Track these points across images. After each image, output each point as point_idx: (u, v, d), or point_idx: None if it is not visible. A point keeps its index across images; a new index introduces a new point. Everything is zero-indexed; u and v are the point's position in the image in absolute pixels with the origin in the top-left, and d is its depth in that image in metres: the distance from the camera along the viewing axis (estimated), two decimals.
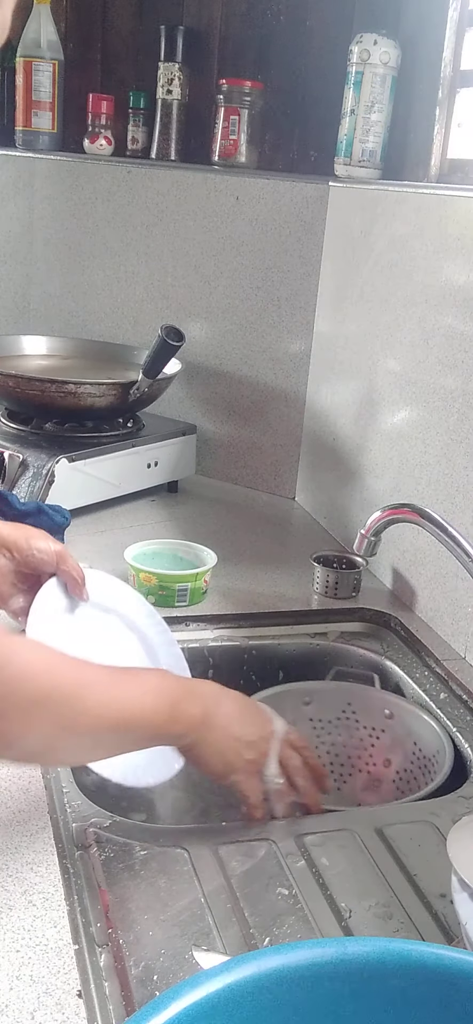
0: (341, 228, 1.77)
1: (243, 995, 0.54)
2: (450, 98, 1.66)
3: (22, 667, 0.79)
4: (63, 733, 0.83)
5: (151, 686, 0.91)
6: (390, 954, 0.57)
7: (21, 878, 0.83)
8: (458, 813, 0.99)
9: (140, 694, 0.89)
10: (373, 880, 0.90)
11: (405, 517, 1.22)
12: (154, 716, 0.90)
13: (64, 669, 0.84)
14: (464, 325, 1.34)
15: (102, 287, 2.12)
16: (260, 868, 0.90)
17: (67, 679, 0.83)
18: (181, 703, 0.92)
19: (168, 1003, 0.51)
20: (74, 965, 0.75)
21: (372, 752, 1.26)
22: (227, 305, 1.95)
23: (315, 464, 1.87)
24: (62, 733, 0.83)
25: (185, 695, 0.93)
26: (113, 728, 0.87)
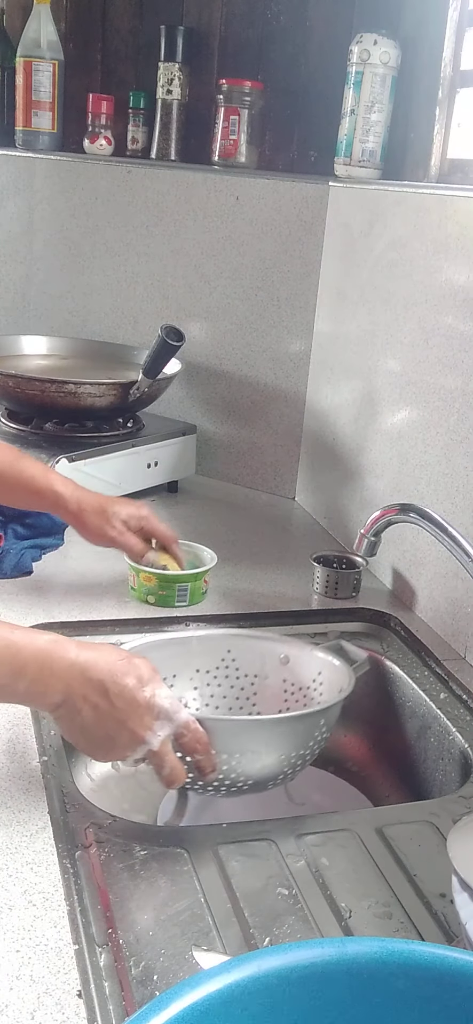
0: (341, 228, 1.77)
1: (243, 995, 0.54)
2: (450, 98, 1.66)
3: None
4: None
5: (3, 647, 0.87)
6: (390, 954, 0.56)
7: (21, 878, 0.83)
8: (458, 813, 0.99)
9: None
10: (373, 880, 0.90)
11: (405, 517, 1.23)
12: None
13: None
14: (464, 325, 1.34)
15: (102, 287, 2.12)
16: (260, 868, 0.90)
17: None
18: (27, 676, 0.88)
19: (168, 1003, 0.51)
20: (74, 965, 0.75)
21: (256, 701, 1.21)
22: (227, 305, 1.95)
23: (315, 464, 1.87)
24: None
25: (36, 669, 0.88)
26: None
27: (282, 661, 1.21)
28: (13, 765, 0.99)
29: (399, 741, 1.28)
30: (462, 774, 1.12)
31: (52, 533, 1.52)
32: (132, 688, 0.91)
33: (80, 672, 0.90)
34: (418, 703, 1.27)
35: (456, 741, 1.17)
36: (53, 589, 1.40)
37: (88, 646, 0.93)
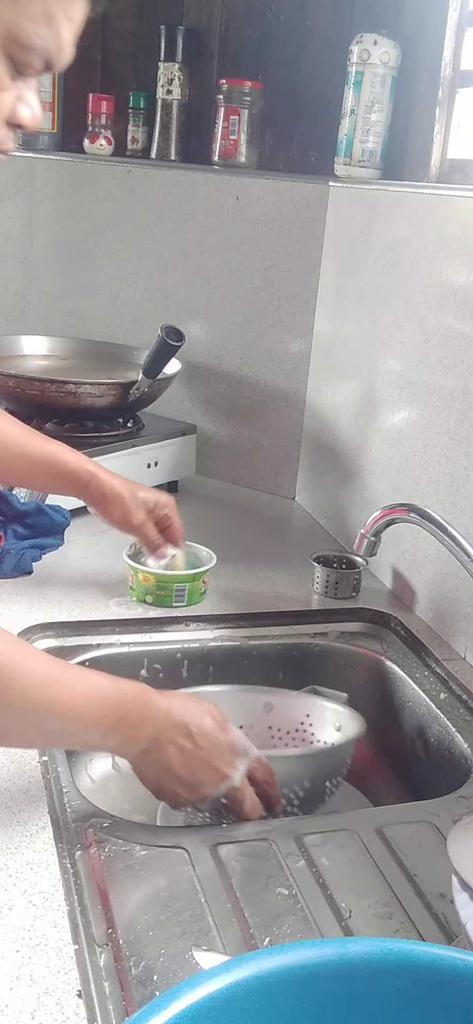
0: (341, 228, 1.77)
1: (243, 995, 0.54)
2: (450, 98, 1.66)
3: None
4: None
5: (98, 695, 0.89)
6: (390, 954, 0.56)
7: (21, 878, 0.83)
8: (458, 813, 0.99)
9: (83, 699, 0.88)
10: (373, 880, 0.90)
11: (405, 517, 1.23)
12: (94, 726, 0.90)
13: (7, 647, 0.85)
14: (464, 325, 1.34)
15: (102, 287, 2.11)
16: (260, 868, 0.90)
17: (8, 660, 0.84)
18: (128, 723, 0.91)
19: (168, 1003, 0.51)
20: (74, 965, 0.75)
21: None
22: (227, 305, 1.95)
23: (315, 464, 1.87)
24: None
25: (135, 716, 0.92)
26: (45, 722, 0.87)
27: (266, 709, 1.22)
28: (13, 765, 0.99)
29: (399, 741, 1.28)
30: (462, 774, 1.12)
31: (52, 533, 1.52)
32: (213, 728, 0.96)
33: (166, 716, 0.93)
34: (418, 703, 1.27)
35: (456, 741, 1.17)
36: (53, 589, 1.40)
37: (163, 692, 0.97)
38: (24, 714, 0.86)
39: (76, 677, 0.90)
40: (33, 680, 0.85)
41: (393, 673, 1.33)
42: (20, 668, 0.85)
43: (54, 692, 0.87)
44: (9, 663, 0.84)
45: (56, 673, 0.88)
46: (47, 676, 0.87)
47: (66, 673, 0.89)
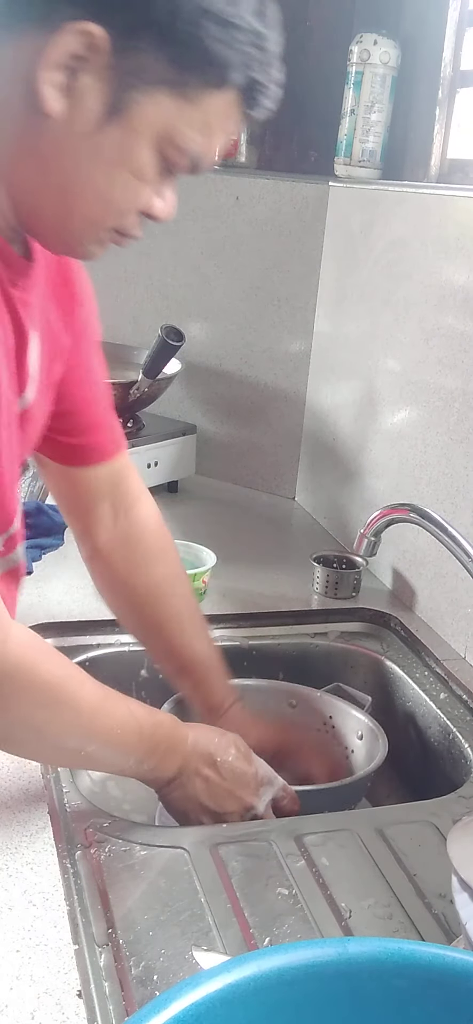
0: (341, 228, 1.77)
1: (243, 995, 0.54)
2: (450, 98, 1.66)
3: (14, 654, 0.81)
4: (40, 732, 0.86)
5: (135, 726, 0.91)
6: (390, 954, 0.56)
7: (21, 878, 0.83)
8: (458, 813, 0.99)
9: (122, 729, 0.90)
10: (373, 880, 0.90)
11: (405, 517, 1.23)
12: (129, 754, 0.92)
13: (62, 673, 0.87)
14: (464, 325, 1.34)
15: (102, 287, 2.10)
16: (260, 868, 0.90)
17: (61, 687, 0.86)
18: (158, 754, 0.93)
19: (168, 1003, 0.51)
20: (74, 965, 0.75)
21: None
22: (227, 305, 1.95)
23: (315, 464, 1.87)
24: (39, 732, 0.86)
25: (166, 748, 0.94)
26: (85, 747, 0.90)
27: (289, 705, 1.24)
28: (13, 765, 0.99)
29: (399, 741, 1.28)
30: (462, 774, 1.12)
31: (52, 533, 1.52)
32: (237, 759, 0.98)
33: (193, 748, 0.96)
34: (418, 703, 1.27)
35: (456, 741, 1.17)
36: (53, 589, 1.40)
37: (191, 724, 1.00)
38: (69, 737, 0.88)
39: (118, 706, 0.92)
40: (81, 707, 0.87)
41: (393, 673, 1.33)
42: (71, 694, 0.86)
43: (98, 721, 0.89)
44: (60, 688, 0.86)
45: (101, 701, 0.90)
46: (93, 704, 0.89)
47: (109, 701, 0.91)
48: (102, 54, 0.73)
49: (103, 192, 0.79)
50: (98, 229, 0.83)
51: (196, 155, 0.79)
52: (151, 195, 0.81)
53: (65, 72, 0.73)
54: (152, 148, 0.77)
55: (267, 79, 0.79)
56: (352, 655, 1.38)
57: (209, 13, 0.73)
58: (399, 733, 1.29)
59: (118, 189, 0.79)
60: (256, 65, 0.77)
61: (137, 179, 0.79)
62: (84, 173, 0.78)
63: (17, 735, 0.87)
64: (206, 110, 0.77)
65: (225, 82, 0.76)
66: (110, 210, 0.80)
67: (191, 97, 0.76)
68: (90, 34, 0.72)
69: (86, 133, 0.76)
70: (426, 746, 1.24)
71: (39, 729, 0.86)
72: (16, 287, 0.83)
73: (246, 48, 0.76)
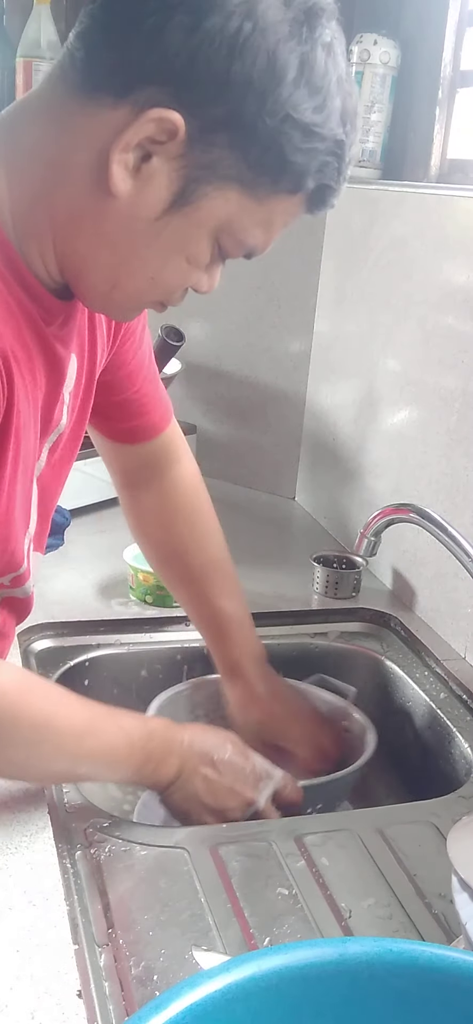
0: (341, 228, 1.77)
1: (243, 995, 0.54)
2: (450, 98, 1.66)
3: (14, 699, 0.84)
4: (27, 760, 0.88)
5: (126, 742, 0.92)
6: (390, 954, 0.56)
7: (21, 878, 0.83)
8: (458, 813, 0.99)
9: (111, 747, 0.91)
10: (373, 880, 0.90)
11: (405, 517, 1.23)
12: (121, 768, 0.93)
13: (37, 701, 0.88)
14: (464, 325, 1.34)
15: None
16: (260, 868, 0.90)
17: (38, 712, 0.87)
18: (153, 761, 0.94)
19: (168, 1003, 0.51)
20: (74, 965, 0.75)
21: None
22: (227, 305, 1.95)
23: (315, 464, 1.87)
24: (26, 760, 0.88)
25: (162, 753, 0.94)
26: (69, 774, 0.92)
27: None
28: None
29: (399, 741, 1.28)
30: (462, 774, 1.12)
31: (52, 533, 1.51)
32: (234, 755, 0.99)
33: (189, 747, 0.96)
34: (418, 703, 1.27)
35: (456, 741, 1.17)
36: (53, 589, 1.40)
37: (185, 725, 1.01)
38: (58, 761, 0.90)
39: (106, 725, 0.92)
40: (67, 732, 0.88)
41: (393, 673, 1.33)
42: (55, 721, 0.87)
43: (86, 743, 0.90)
44: (45, 716, 0.87)
45: (87, 723, 0.90)
46: (80, 729, 0.89)
47: (96, 723, 0.91)
48: (179, 143, 0.71)
49: (155, 273, 0.78)
50: (143, 301, 0.83)
51: (253, 248, 0.79)
52: (200, 276, 0.80)
53: (138, 153, 0.72)
54: (211, 237, 0.77)
55: (337, 183, 0.78)
56: (352, 655, 1.38)
57: (295, 120, 0.71)
58: (399, 733, 1.29)
59: (170, 272, 0.78)
60: (332, 172, 0.76)
61: (190, 265, 0.78)
62: (140, 254, 0.77)
63: (3, 770, 0.89)
64: (272, 209, 0.76)
65: (299, 189, 0.75)
66: (159, 288, 0.80)
67: (260, 197, 0.75)
68: (172, 123, 0.70)
69: (149, 218, 0.74)
70: (426, 746, 1.24)
71: (23, 765, 0.88)
72: (52, 325, 0.82)
73: (324, 157, 0.74)
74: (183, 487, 1.17)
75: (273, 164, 0.73)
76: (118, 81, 0.71)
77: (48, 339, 0.82)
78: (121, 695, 1.26)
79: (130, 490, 1.18)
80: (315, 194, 0.77)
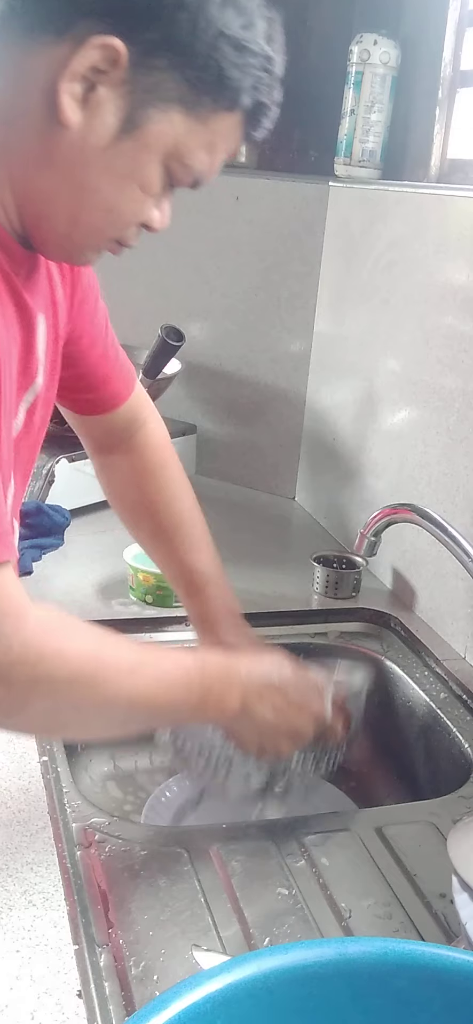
0: (341, 228, 1.77)
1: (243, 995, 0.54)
2: (450, 98, 1.66)
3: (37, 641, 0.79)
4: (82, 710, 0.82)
5: (182, 676, 0.88)
6: (390, 954, 0.57)
7: (21, 878, 0.83)
8: (458, 813, 0.99)
9: (166, 686, 0.87)
10: (373, 880, 0.90)
11: (405, 517, 1.23)
12: (180, 707, 0.89)
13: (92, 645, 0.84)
14: (464, 325, 1.34)
15: (102, 287, 2.11)
16: (260, 868, 0.90)
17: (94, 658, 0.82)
18: (214, 694, 0.90)
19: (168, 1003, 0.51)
20: (74, 965, 0.75)
21: None
22: (227, 305, 1.95)
23: (315, 464, 1.87)
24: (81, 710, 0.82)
25: (222, 684, 0.91)
26: (129, 718, 0.86)
27: None
28: (13, 765, 0.99)
29: (399, 741, 1.28)
30: (462, 774, 1.12)
31: (52, 533, 1.52)
32: (295, 675, 0.97)
33: (247, 676, 0.93)
34: (418, 703, 1.27)
35: (456, 741, 1.17)
36: (53, 589, 1.40)
37: (236, 655, 0.99)
38: (112, 709, 0.85)
39: (160, 662, 0.89)
40: (118, 675, 0.84)
41: (393, 673, 1.33)
42: (104, 666, 0.83)
43: (140, 683, 0.85)
44: (94, 663, 0.82)
45: (140, 661, 0.86)
46: (132, 667, 0.85)
47: (150, 659, 0.88)
48: (121, 69, 0.74)
49: (111, 204, 0.80)
50: (100, 239, 0.85)
51: (200, 172, 0.82)
52: (152, 207, 0.83)
53: (84, 84, 0.74)
54: (160, 164, 0.79)
55: (271, 101, 0.82)
56: (352, 655, 1.38)
57: (227, 37, 0.75)
58: (399, 733, 1.29)
59: (125, 201, 0.81)
60: (264, 89, 0.80)
61: (144, 192, 0.81)
62: (95, 184, 0.79)
63: (59, 719, 0.83)
64: (213, 130, 0.80)
65: (236, 105, 0.79)
66: (115, 221, 0.82)
67: (202, 117, 0.78)
68: (113, 49, 0.73)
69: (100, 146, 0.77)
70: (426, 746, 1.24)
71: (78, 708, 0.82)
72: (19, 275, 0.84)
73: (257, 72, 0.78)
74: (151, 448, 1.17)
75: (211, 81, 0.76)
76: (58, 19, 0.75)
77: (18, 288, 0.84)
78: None
79: (100, 455, 1.19)
80: (252, 113, 0.81)
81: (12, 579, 0.78)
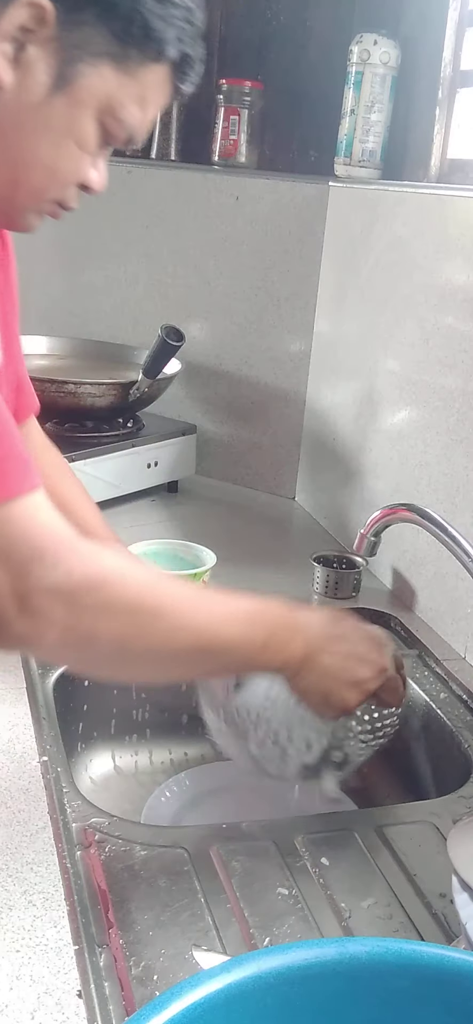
0: (341, 228, 1.77)
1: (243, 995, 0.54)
2: (450, 98, 1.66)
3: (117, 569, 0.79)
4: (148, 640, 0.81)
5: (244, 615, 0.87)
6: (390, 954, 0.56)
7: (21, 878, 0.83)
8: (458, 813, 0.99)
9: (230, 621, 0.86)
10: (373, 880, 0.90)
11: (405, 517, 1.22)
12: (244, 646, 0.87)
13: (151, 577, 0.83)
14: (464, 325, 1.34)
15: (102, 287, 2.11)
16: (260, 868, 0.90)
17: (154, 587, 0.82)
18: (278, 638, 0.88)
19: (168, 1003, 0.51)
20: (74, 965, 0.75)
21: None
22: (227, 305, 1.95)
23: (315, 464, 1.87)
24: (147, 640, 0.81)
25: (286, 630, 0.89)
26: (195, 650, 0.84)
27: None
28: (13, 765, 0.99)
29: (399, 741, 1.28)
30: (462, 774, 1.12)
31: None
32: (354, 627, 0.96)
33: (309, 627, 0.92)
34: (418, 703, 1.27)
35: (456, 741, 1.17)
36: None
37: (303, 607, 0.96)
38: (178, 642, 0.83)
39: (223, 599, 0.88)
40: (183, 607, 0.83)
41: None
42: (167, 597, 0.82)
43: (202, 614, 0.84)
44: (156, 592, 0.81)
45: (202, 596, 0.86)
46: (195, 600, 0.85)
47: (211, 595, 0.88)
48: (49, 27, 0.76)
49: (49, 162, 0.82)
50: (41, 200, 0.86)
51: (133, 127, 0.83)
52: (89, 166, 0.84)
53: (14, 45, 0.76)
54: (94, 119, 0.81)
55: (196, 54, 0.84)
56: None
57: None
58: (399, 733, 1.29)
59: (63, 159, 0.82)
60: (188, 40, 0.82)
61: (81, 149, 0.82)
62: (32, 143, 0.81)
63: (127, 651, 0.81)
64: (143, 83, 0.81)
65: (162, 56, 0.80)
66: (55, 180, 0.84)
67: (131, 70, 0.80)
68: (39, 7, 0.75)
69: (34, 104, 0.78)
70: (426, 746, 1.24)
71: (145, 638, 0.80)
72: None
73: (180, 23, 0.80)
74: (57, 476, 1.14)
75: (137, 34, 0.78)
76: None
77: None
78: (121, 695, 1.26)
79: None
80: (178, 66, 0.82)
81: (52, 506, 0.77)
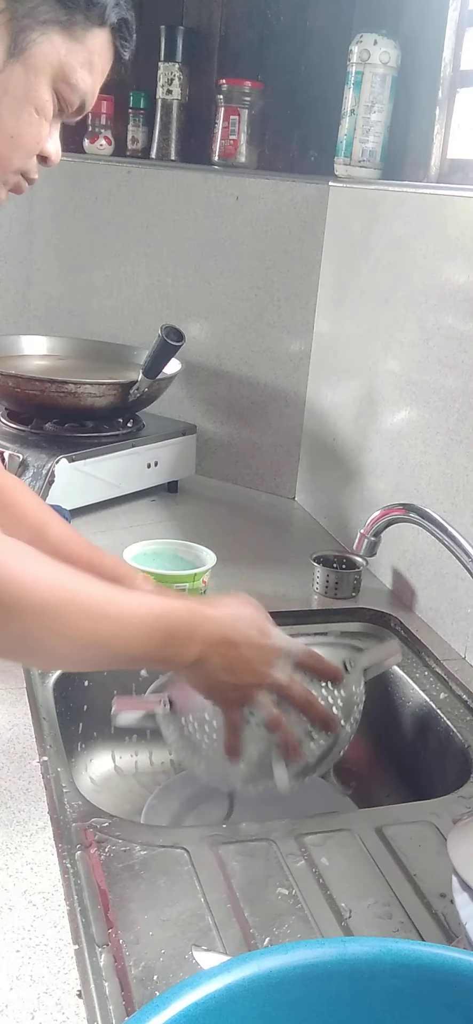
0: (341, 228, 1.77)
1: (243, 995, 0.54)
2: (450, 98, 1.66)
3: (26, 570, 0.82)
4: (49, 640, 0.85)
5: (148, 615, 0.91)
6: (390, 954, 0.56)
7: (21, 878, 0.83)
8: (458, 813, 0.99)
9: (133, 622, 0.90)
10: (373, 880, 0.90)
11: (405, 517, 1.22)
12: (144, 645, 0.91)
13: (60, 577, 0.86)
14: (464, 325, 1.34)
15: (102, 287, 2.11)
16: (260, 868, 0.90)
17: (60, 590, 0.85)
18: (177, 639, 0.93)
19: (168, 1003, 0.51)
20: (74, 965, 0.75)
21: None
22: (227, 305, 1.95)
23: (315, 464, 1.87)
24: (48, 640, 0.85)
25: (186, 630, 0.94)
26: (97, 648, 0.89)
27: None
28: (13, 765, 0.99)
29: (399, 741, 1.28)
30: (462, 774, 1.12)
31: None
32: (254, 636, 0.99)
33: (213, 630, 0.96)
34: (418, 703, 1.27)
35: (456, 741, 1.17)
36: None
37: (214, 603, 1.01)
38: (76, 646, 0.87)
39: (126, 602, 0.92)
40: (81, 615, 0.86)
41: (393, 673, 1.33)
42: (70, 602, 0.85)
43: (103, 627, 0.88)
44: (61, 595, 0.85)
45: (107, 600, 0.89)
46: (98, 607, 0.88)
47: (116, 598, 0.91)
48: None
49: (12, 129, 0.86)
50: (5, 170, 0.89)
51: (85, 92, 0.88)
52: (48, 136, 0.89)
53: None
54: (49, 86, 0.86)
55: (131, 19, 0.91)
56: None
57: None
58: (399, 733, 1.29)
59: (25, 125, 0.86)
60: (124, 4, 0.89)
61: (40, 116, 0.86)
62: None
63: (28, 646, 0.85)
64: (90, 48, 0.87)
65: (104, 20, 0.87)
66: (18, 148, 0.87)
67: (78, 36, 0.86)
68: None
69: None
70: (426, 746, 1.24)
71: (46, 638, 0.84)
72: None
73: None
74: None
75: (79, 1, 0.84)
76: None
77: None
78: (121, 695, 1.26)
79: None
80: (118, 30, 0.89)
81: None
